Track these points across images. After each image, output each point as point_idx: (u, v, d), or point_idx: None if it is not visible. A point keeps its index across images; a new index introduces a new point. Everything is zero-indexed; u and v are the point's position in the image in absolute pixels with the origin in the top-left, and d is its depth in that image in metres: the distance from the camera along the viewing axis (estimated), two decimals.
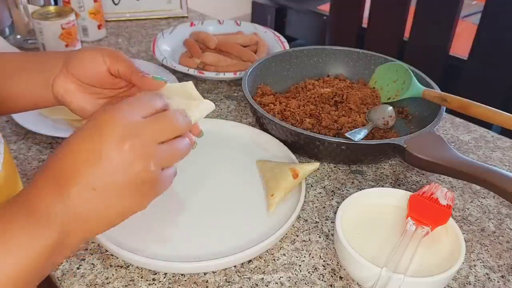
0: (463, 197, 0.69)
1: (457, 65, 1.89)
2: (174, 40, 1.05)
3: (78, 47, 1.05)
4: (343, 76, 0.91)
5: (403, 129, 0.80)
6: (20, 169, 0.70)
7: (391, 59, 0.87)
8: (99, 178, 0.37)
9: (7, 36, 1.07)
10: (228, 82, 0.96)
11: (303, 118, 0.77)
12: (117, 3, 1.23)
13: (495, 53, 1.74)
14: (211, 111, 0.50)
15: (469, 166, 0.60)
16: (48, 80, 0.52)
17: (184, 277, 0.54)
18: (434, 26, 1.84)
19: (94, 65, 0.51)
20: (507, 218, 0.65)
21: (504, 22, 1.70)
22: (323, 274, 0.56)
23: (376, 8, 1.99)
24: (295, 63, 0.91)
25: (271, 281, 0.54)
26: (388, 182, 0.71)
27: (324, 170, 0.73)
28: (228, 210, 0.62)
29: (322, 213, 0.65)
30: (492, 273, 0.57)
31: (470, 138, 0.82)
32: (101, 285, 0.53)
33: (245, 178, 0.68)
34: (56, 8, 1.03)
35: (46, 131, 0.74)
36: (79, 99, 0.52)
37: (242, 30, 1.10)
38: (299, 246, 0.59)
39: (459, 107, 0.72)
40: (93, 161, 0.37)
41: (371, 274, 0.50)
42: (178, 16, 1.28)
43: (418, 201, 0.57)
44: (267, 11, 2.70)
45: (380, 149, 0.68)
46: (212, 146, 0.74)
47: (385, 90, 0.85)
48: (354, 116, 0.77)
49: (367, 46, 1.97)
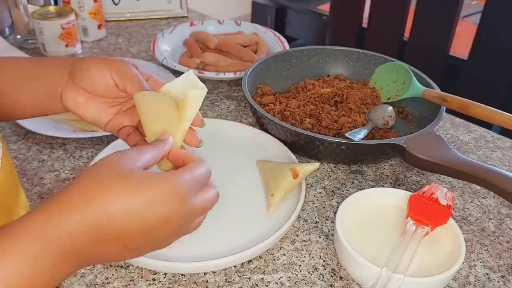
0: (463, 197, 0.69)
1: (457, 65, 1.89)
2: (174, 40, 1.05)
3: (78, 47, 1.05)
4: (343, 76, 0.91)
5: (403, 129, 0.80)
6: (20, 169, 0.70)
7: (391, 59, 0.87)
8: (136, 243, 0.39)
9: (7, 36, 1.07)
10: (228, 82, 0.96)
11: (303, 118, 0.77)
12: (117, 3, 1.23)
13: (495, 53, 1.74)
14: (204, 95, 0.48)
15: (469, 166, 0.60)
16: (54, 91, 0.51)
17: (184, 277, 0.54)
18: (434, 26, 1.84)
19: (102, 79, 0.49)
20: (507, 218, 0.65)
21: (504, 22, 1.70)
22: (323, 274, 0.56)
23: (376, 8, 1.99)
24: (295, 63, 0.91)
25: (271, 281, 0.54)
26: (388, 182, 0.71)
27: (324, 170, 0.73)
28: (228, 210, 0.62)
29: (322, 213, 0.65)
30: (492, 273, 0.57)
31: (470, 138, 0.82)
32: (101, 285, 0.53)
33: (245, 178, 0.68)
34: (56, 8, 1.03)
35: (46, 131, 0.74)
36: (91, 111, 0.51)
37: (242, 30, 1.10)
38: (299, 246, 0.59)
39: (459, 107, 0.72)
40: (144, 229, 0.38)
41: (371, 274, 0.50)
42: (178, 16, 1.28)
43: (418, 201, 0.57)
44: (267, 11, 2.70)
45: (380, 149, 0.68)
46: (212, 146, 0.74)
47: (385, 90, 0.85)
48: (354, 116, 0.77)
49: (367, 46, 1.97)
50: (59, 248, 0.35)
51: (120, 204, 0.36)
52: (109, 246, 0.38)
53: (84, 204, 0.36)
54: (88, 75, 0.49)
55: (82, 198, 0.36)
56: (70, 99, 0.51)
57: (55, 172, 0.70)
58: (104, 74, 0.49)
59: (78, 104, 0.51)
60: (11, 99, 0.52)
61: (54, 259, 0.35)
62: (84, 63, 0.50)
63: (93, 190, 0.37)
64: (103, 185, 0.37)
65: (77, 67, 0.50)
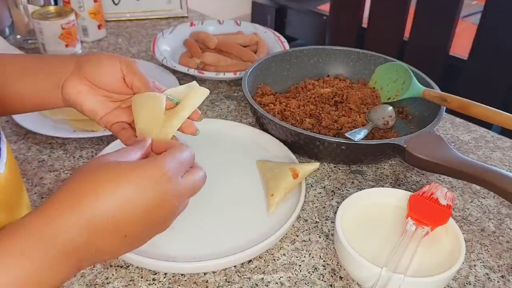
0: (463, 197, 0.69)
1: (457, 65, 1.89)
2: (174, 40, 1.05)
3: (78, 47, 1.05)
4: (343, 76, 0.91)
5: (403, 129, 0.80)
6: (20, 169, 0.70)
7: (391, 59, 0.87)
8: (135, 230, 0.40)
9: (7, 36, 1.07)
10: (228, 82, 0.96)
11: (303, 118, 0.77)
12: (117, 3, 1.23)
13: (495, 53, 1.74)
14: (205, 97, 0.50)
15: (469, 166, 0.60)
16: (57, 82, 0.52)
17: (184, 277, 0.54)
18: (434, 26, 1.84)
19: (112, 71, 0.50)
20: (507, 218, 0.65)
21: (504, 22, 1.70)
22: (323, 274, 0.56)
23: (376, 8, 1.98)
24: (295, 63, 0.91)
25: (271, 281, 0.54)
26: (388, 182, 0.71)
27: (324, 170, 0.73)
28: (228, 210, 0.62)
29: (322, 213, 0.65)
30: (492, 273, 0.57)
31: (470, 138, 0.82)
32: (101, 285, 0.53)
33: (245, 178, 0.68)
34: (56, 8, 1.03)
35: (46, 131, 0.74)
36: (91, 101, 0.52)
37: (242, 30, 1.10)
38: (299, 246, 0.59)
39: (459, 107, 0.72)
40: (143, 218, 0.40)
41: (371, 274, 0.50)
42: (178, 16, 1.28)
43: (418, 201, 0.57)
44: (267, 11, 2.69)
45: (380, 149, 0.68)
46: (212, 146, 0.74)
47: (385, 90, 0.85)
48: (354, 116, 0.77)
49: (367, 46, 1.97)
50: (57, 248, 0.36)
51: (110, 195, 0.38)
52: (109, 239, 0.38)
53: (77, 203, 0.37)
54: (98, 65, 0.51)
55: (75, 198, 0.37)
56: (73, 86, 0.51)
57: (55, 172, 0.70)
58: (114, 66, 0.50)
59: (79, 93, 0.51)
60: (12, 90, 0.52)
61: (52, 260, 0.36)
62: (94, 56, 0.52)
63: (84, 188, 0.38)
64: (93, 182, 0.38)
65: (85, 60, 0.51)
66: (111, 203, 0.37)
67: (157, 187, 0.39)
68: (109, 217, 0.37)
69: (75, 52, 1.04)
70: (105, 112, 0.53)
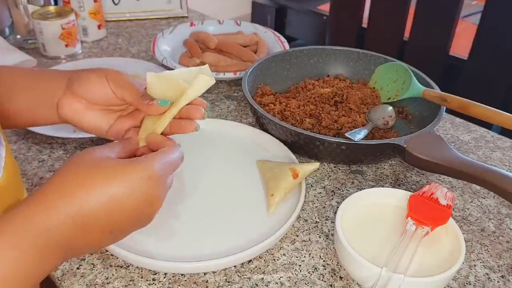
0: (463, 197, 0.69)
1: (457, 65, 1.89)
2: (174, 40, 1.05)
3: (78, 47, 1.05)
4: (343, 76, 0.91)
5: (403, 129, 0.80)
6: (20, 169, 0.70)
7: (391, 59, 0.87)
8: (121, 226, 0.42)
9: (7, 36, 1.07)
10: (228, 82, 0.96)
11: (303, 118, 0.77)
12: (117, 3, 1.23)
13: (495, 53, 1.74)
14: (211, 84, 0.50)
15: (469, 166, 0.60)
16: (50, 100, 0.52)
17: (184, 277, 0.54)
18: (434, 26, 1.84)
19: (101, 88, 0.51)
20: (507, 218, 0.65)
21: (504, 22, 1.70)
22: (323, 274, 0.56)
23: (376, 8, 1.98)
24: (295, 63, 0.91)
25: (271, 281, 0.54)
26: (388, 182, 0.71)
27: (324, 170, 0.73)
28: (228, 210, 0.62)
29: (322, 213, 0.65)
30: (492, 273, 0.57)
31: (470, 138, 0.82)
32: (101, 285, 0.53)
33: (245, 178, 0.68)
34: (56, 8, 1.03)
35: (46, 131, 0.74)
36: (91, 116, 0.52)
37: (242, 30, 1.10)
38: (299, 246, 0.59)
39: (459, 107, 0.72)
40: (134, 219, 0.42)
41: (371, 274, 0.50)
42: (178, 16, 1.28)
43: (418, 201, 0.57)
44: (267, 11, 2.69)
45: (380, 149, 0.68)
46: (212, 146, 0.74)
47: (385, 90, 0.85)
48: (354, 116, 0.77)
49: (367, 46, 1.97)
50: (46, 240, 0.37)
51: (100, 193, 0.39)
52: (95, 234, 0.40)
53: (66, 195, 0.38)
54: (87, 83, 0.51)
55: (64, 190, 0.39)
56: (68, 106, 0.52)
57: (55, 172, 0.70)
58: (103, 83, 0.51)
59: (76, 111, 0.52)
60: (5, 105, 0.53)
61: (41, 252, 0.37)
62: (82, 73, 0.52)
63: (73, 181, 0.39)
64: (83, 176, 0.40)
65: (76, 77, 0.52)
66: (100, 200, 0.39)
67: (145, 188, 0.41)
68: (99, 213, 0.39)
69: (75, 52, 1.04)
70: (109, 124, 0.53)
